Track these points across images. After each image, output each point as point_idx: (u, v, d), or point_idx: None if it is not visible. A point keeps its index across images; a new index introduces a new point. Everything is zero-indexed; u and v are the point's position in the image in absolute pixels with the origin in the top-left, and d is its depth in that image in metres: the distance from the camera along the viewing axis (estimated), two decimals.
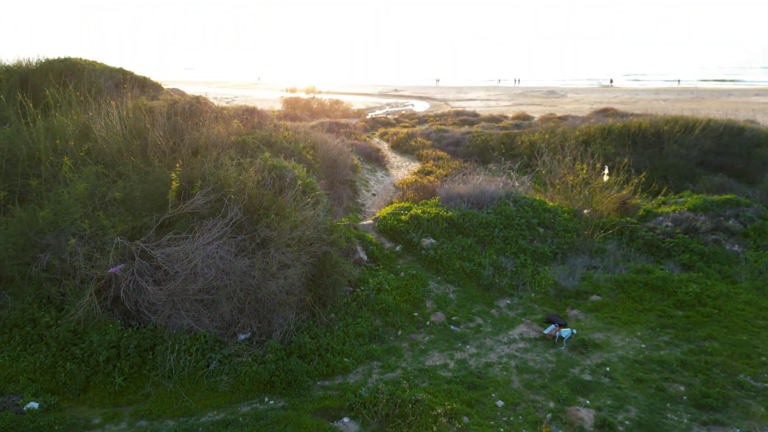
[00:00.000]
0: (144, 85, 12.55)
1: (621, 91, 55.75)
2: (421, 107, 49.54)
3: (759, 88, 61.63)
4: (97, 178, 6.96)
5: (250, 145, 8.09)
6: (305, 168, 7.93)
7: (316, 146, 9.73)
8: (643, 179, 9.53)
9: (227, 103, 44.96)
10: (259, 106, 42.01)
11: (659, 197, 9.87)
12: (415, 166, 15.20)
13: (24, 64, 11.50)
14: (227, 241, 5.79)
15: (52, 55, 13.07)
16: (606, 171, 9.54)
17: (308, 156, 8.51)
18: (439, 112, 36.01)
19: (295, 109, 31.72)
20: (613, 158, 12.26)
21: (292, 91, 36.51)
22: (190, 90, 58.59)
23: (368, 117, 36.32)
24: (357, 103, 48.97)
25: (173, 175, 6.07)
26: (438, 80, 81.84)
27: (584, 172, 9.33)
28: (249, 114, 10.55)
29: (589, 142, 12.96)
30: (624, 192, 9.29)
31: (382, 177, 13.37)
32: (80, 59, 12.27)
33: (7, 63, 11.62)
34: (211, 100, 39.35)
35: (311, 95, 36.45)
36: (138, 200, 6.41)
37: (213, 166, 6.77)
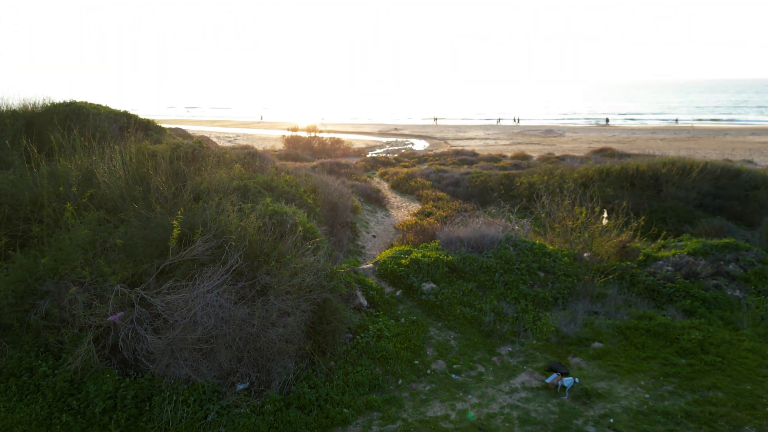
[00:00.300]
0: (147, 128, 12.73)
1: (618, 130, 56.46)
2: (420, 146, 50.10)
3: (755, 127, 62.46)
4: (99, 224, 7.00)
5: (252, 190, 8.16)
6: (306, 212, 7.98)
7: (317, 189, 9.80)
8: (642, 222, 9.56)
9: (229, 141, 45.53)
10: (261, 144, 42.60)
11: (659, 241, 9.89)
12: (415, 206, 15.28)
13: (30, 107, 11.68)
14: (227, 289, 5.78)
15: (58, 97, 13.33)
16: (605, 215, 9.59)
17: (309, 200, 8.56)
18: (439, 151, 36.39)
19: (296, 149, 32.07)
20: (611, 200, 12.35)
21: (294, 129, 36.94)
22: (194, 129, 59.77)
23: (368, 156, 36.71)
24: (357, 142, 49.57)
25: (175, 222, 6.10)
26: (436, 119, 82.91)
27: (583, 215, 9.37)
28: (251, 157, 10.66)
29: (588, 184, 13.06)
30: (623, 236, 9.32)
31: (383, 218, 13.41)
32: (85, 103, 12.48)
33: (13, 106, 11.83)
34: (214, 139, 39.92)
35: (312, 134, 36.85)
36: (139, 246, 6.43)
37: (214, 212, 6.82)
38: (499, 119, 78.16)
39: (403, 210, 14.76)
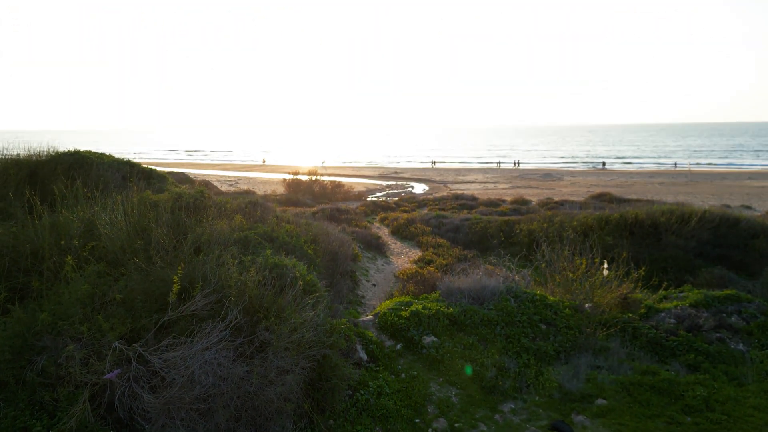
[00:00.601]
0: (150, 176, 12.86)
1: (616, 174, 56.96)
2: (420, 189, 50.46)
3: (752, 171, 63.04)
4: (98, 277, 7.00)
5: (252, 241, 8.18)
6: (306, 264, 7.98)
7: (318, 239, 9.81)
8: (642, 273, 9.55)
9: (231, 186, 45.83)
10: (263, 188, 42.86)
11: (660, 291, 9.85)
12: (415, 252, 15.28)
13: (34, 157, 11.83)
14: (226, 346, 5.73)
15: (62, 146, 13.51)
16: (605, 265, 9.58)
17: (309, 251, 8.57)
18: (438, 195, 36.61)
19: (297, 193, 32.28)
20: (611, 249, 12.36)
21: (295, 173, 37.25)
22: (196, 173, 60.11)
23: (369, 200, 36.90)
24: (358, 186, 49.96)
25: (175, 277, 6.09)
26: (434, 162, 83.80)
27: (583, 266, 9.37)
28: (252, 207, 10.72)
29: (588, 233, 13.09)
30: (624, 287, 9.29)
31: (383, 265, 13.39)
32: (89, 152, 12.65)
33: (18, 155, 11.98)
34: (215, 183, 40.17)
35: (313, 177, 37.16)
36: (138, 301, 6.41)
37: (215, 265, 6.82)
38: (500, 162, 78.98)
39: (404, 257, 14.76)
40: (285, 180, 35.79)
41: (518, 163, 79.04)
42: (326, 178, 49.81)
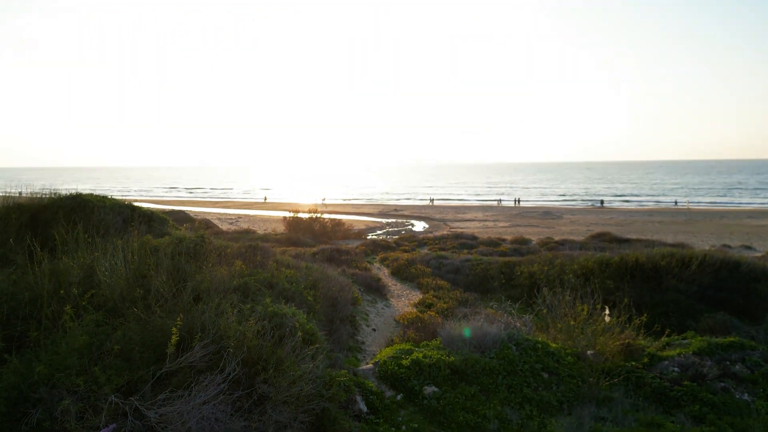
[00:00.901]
0: (151, 219, 12.90)
1: (615, 213, 57.11)
2: (420, 227, 50.55)
3: (751, 209, 63.24)
4: (97, 326, 6.95)
5: (252, 288, 8.16)
6: (306, 311, 7.94)
7: (317, 284, 9.79)
8: (644, 319, 9.49)
9: (231, 224, 45.89)
10: (263, 227, 42.90)
11: (663, 338, 9.76)
12: (416, 294, 15.21)
13: (36, 200, 11.90)
14: (224, 399, 5.65)
15: (63, 188, 13.61)
16: (607, 312, 9.52)
17: (309, 297, 8.54)
18: (438, 234, 36.64)
19: (297, 232, 32.31)
20: (612, 293, 12.31)
21: (295, 211, 37.33)
22: (196, 211, 60.37)
23: (369, 238, 36.92)
24: (358, 224, 50.07)
25: (174, 329, 6.05)
26: (432, 200, 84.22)
27: (585, 312, 9.31)
28: (252, 251, 10.73)
29: (588, 276, 13.06)
30: (626, 333, 9.21)
31: (383, 308, 13.31)
32: (91, 195, 12.72)
33: (19, 199, 12.06)
34: (216, 221, 40.29)
35: (313, 215, 37.25)
36: (136, 351, 6.35)
37: (214, 315, 6.79)
38: (500, 200, 79.32)
39: (404, 299, 14.68)
40: (285, 218, 35.86)
41: (518, 200, 79.37)
42: (327, 216, 50.03)
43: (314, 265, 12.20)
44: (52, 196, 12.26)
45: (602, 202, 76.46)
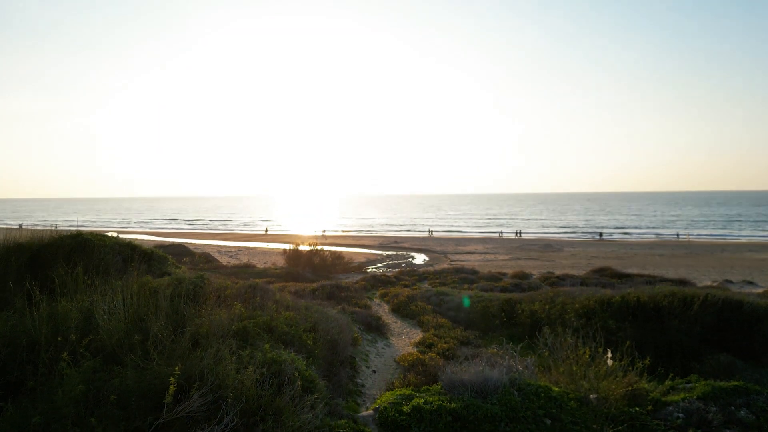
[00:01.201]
0: (151, 258, 12.90)
1: (616, 245, 57.04)
2: (420, 260, 50.48)
3: (752, 242, 63.25)
4: (94, 373, 6.88)
5: (251, 332, 8.11)
6: (305, 357, 7.88)
7: (317, 326, 9.73)
8: (648, 362, 9.39)
9: (231, 257, 45.82)
10: (263, 260, 42.79)
11: (666, 382, 9.64)
12: (416, 333, 15.10)
13: (36, 240, 11.91)
14: None
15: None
16: (609, 355, 9.44)
17: (309, 341, 8.48)
18: (439, 267, 36.55)
19: (297, 266, 32.23)
20: (614, 333, 12.22)
21: (296, 245, 37.31)
22: (196, 243, 60.40)
23: (369, 271, 36.83)
24: (358, 256, 50.03)
25: (172, 379, 5.99)
26: (431, 231, 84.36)
27: (587, 356, 9.23)
28: (251, 291, 10.70)
29: (590, 316, 12.99)
30: (629, 377, 9.11)
31: (383, 348, 13.20)
32: (91, 234, 12.74)
33: (21, 238, 12.08)
34: (216, 254, 40.26)
35: (313, 248, 37.24)
36: (133, 400, 6.27)
37: (212, 362, 6.73)
38: (501, 232, 79.32)
39: (404, 338, 14.57)
40: (285, 251, 35.82)
41: (520, 233, 79.32)
42: (327, 248, 49.97)
43: (314, 305, 12.15)
44: (53, 235, 12.27)
45: (601, 234, 76.50)
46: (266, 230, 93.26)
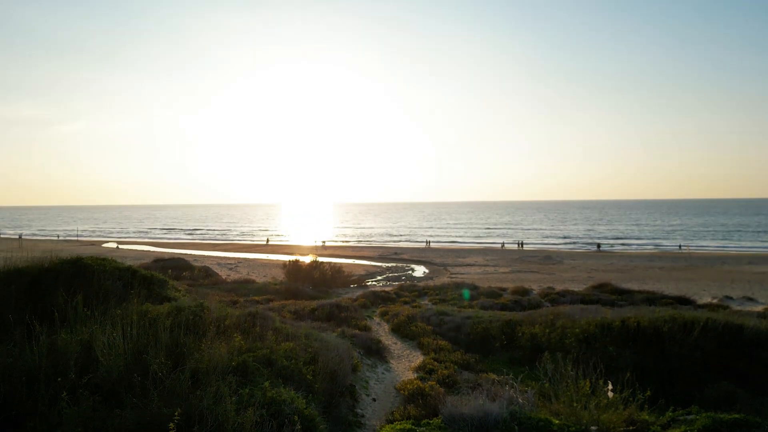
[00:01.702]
0: (151, 283, 12.91)
1: (616, 258, 57.01)
2: (420, 272, 50.49)
3: (752, 254, 63.23)
4: (93, 411, 6.87)
5: (251, 368, 8.10)
6: (305, 392, 7.87)
7: (317, 357, 9.73)
8: (649, 394, 9.38)
9: (231, 269, 45.78)
10: (263, 273, 42.69)
11: (667, 413, 9.62)
12: (416, 355, 15.09)
13: (36, 266, 11.92)
14: None
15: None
16: (610, 387, 9.42)
17: (309, 375, 8.48)
18: (439, 282, 36.55)
19: (297, 281, 32.20)
20: (615, 359, 12.21)
21: (295, 260, 37.33)
22: (196, 255, 60.36)
23: (369, 286, 36.80)
24: (358, 268, 50.03)
25: (171, 425, 5.98)
26: (428, 242, 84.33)
27: (587, 387, 9.22)
28: (251, 319, 10.70)
29: (590, 341, 12.98)
30: (630, 409, 9.09)
31: (383, 373, 13.18)
32: (91, 259, 12.76)
33: (21, 263, 12.08)
34: (215, 266, 40.17)
35: (314, 260, 37.26)
36: None
37: (212, 402, 6.72)
38: (503, 243, 79.15)
39: (404, 361, 14.55)
40: (285, 265, 35.83)
41: (522, 243, 79.11)
42: (327, 260, 50.00)
43: (314, 331, 12.16)
44: (53, 260, 12.28)
45: (599, 245, 76.41)
46: (267, 240, 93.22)
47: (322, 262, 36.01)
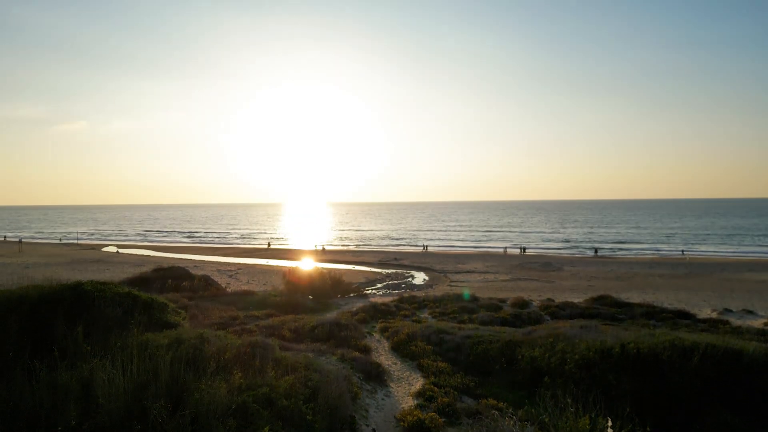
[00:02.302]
0: (151, 308, 12.93)
1: (616, 264, 57.01)
2: (420, 279, 50.57)
3: (752, 260, 63.33)
4: None
5: (251, 409, 8.12)
6: None
7: (318, 391, 9.76)
8: (648, 431, 9.41)
9: (231, 276, 45.78)
10: (262, 281, 42.60)
11: None
12: (416, 377, 15.11)
13: (35, 293, 11.94)
14: None
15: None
16: (610, 424, 9.43)
17: (309, 415, 8.51)
18: (439, 292, 36.64)
19: (296, 291, 32.25)
20: (614, 387, 12.23)
21: (294, 268, 37.39)
22: (195, 260, 60.33)
23: (368, 293, 36.84)
24: (358, 276, 50.08)
25: None
26: (426, 247, 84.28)
27: (587, 425, 9.24)
28: (251, 350, 10.73)
29: (590, 367, 13.01)
30: None
31: (383, 399, 13.20)
32: (90, 284, 12.78)
33: (18, 291, 12.11)
34: (215, 273, 40.12)
35: (313, 268, 37.33)
36: None
37: None
38: (506, 248, 78.86)
39: (404, 384, 14.57)
40: (285, 275, 35.90)
41: (524, 249, 78.60)
42: (327, 265, 49.90)
43: (314, 360, 12.21)
44: (54, 287, 12.32)
45: (596, 250, 76.19)
46: (269, 244, 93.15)
47: (321, 271, 36.04)
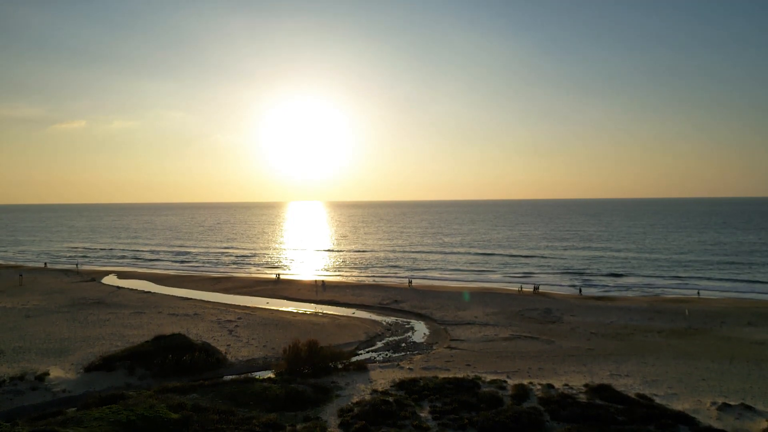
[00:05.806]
0: None
1: (615, 313, 57.14)
2: (420, 332, 50.95)
3: (752, 304, 63.80)
4: None
5: None
6: None
7: None
8: None
9: (229, 332, 45.73)
10: (263, 341, 42.48)
11: None
12: None
13: None
14: None
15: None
16: None
17: None
18: (439, 361, 36.82)
19: (297, 363, 33.49)
20: None
21: (296, 342, 37.58)
22: (195, 299, 60.20)
23: (368, 366, 37.01)
24: (357, 329, 50.21)
25: None
26: (410, 282, 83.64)
27: None
28: None
29: None
30: None
31: None
32: None
33: None
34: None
35: (311, 341, 37.59)
36: None
37: None
38: (521, 286, 76.54)
39: None
40: (285, 351, 36.32)
41: (537, 288, 75.94)
42: (327, 308, 49.79)
43: None
44: None
45: (581, 290, 74.05)
46: (278, 276, 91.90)
47: (321, 348, 36.28)
